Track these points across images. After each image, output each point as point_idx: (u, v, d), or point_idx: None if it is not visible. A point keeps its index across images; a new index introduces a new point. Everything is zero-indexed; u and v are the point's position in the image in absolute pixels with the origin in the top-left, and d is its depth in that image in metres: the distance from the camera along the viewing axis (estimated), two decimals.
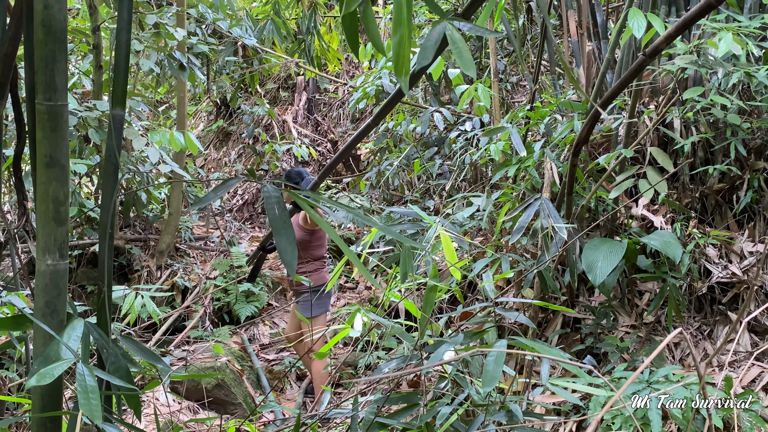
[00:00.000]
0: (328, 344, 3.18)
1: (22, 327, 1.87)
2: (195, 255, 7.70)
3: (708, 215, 4.85)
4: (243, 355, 5.73)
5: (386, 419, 2.56)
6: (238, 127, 12.10)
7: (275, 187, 1.76)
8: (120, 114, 1.95)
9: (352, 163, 10.91)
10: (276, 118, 11.48)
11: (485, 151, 5.06)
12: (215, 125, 12.37)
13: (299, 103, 12.09)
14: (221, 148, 12.42)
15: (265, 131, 11.50)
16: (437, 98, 8.06)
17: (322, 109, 12.40)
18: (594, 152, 5.07)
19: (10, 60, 2.10)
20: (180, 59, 6.49)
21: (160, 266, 7.11)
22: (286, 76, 12.54)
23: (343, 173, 10.96)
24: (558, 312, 4.73)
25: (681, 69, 4.24)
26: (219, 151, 12.40)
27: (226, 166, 11.87)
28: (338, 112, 12.20)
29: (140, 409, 1.85)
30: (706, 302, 4.58)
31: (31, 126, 2.02)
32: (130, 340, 1.93)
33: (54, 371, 1.52)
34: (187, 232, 7.88)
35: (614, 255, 4.06)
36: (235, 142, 12.18)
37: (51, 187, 1.76)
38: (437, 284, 2.91)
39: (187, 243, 7.81)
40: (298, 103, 12.11)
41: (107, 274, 1.89)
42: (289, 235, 1.71)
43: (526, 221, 4.15)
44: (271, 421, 3.94)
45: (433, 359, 2.47)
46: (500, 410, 2.33)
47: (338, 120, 12.19)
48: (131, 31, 2.02)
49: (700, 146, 4.76)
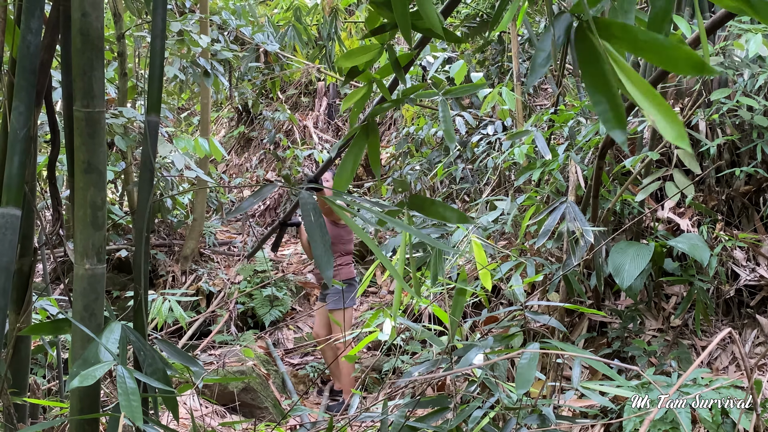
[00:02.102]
0: (356, 347, 3.19)
1: (61, 331, 1.89)
2: (219, 260, 7.75)
3: (734, 218, 4.81)
4: (268, 360, 5.76)
5: (416, 422, 2.56)
6: (259, 133, 12.16)
7: (311, 194, 1.77)
8: (155, 120, 1.98)
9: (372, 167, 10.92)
10: (297, 123, 11.53)
11: (509, 154, 5.05)
12: (236, 131, 12.44)
13: (320, 109, 12.14)
14: (242, 154, 12.48)
15: (286, 137, 11.55)
16: (458, 102, 8.06)
17: (342, 114, 12.43)
18: (619, 155, 5.05)
19: (46, 68, 2.13)
20: (204, 66, 6.54)
21: (184, 271, 7.16)
22: (307, 82, 12.59)
23: (364, 178, 10.98)
24: (584, 316, 4.71)
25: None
26: (240, 157, 12.47)
27: (247, 172, 11.93)
28: None
29: (178, 411, 1.87)
30: (734, 305, 4.54)
31: (68, 133, 2.05)
32: (165, 342, 1.95)
33: (95, 373, 1.54)
34: (210, 237, 7.94)
35: (641, 258, 4.04)
36: (256, 148, 12.24)
37: (89, 193, 1.78)
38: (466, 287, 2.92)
39: (211, 248, 7.87)
40: (319, 109, 12.15)
41: (143, 277, 1.91)
42: (325, 242, 1.72)
43: (551, 225, 4.14)
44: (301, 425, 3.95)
45: (463, 363, 2.47)
46: (531, 413, 2.32)
47: None
48: (165, 39, 2.05)
49: (726, 148, 4.73)
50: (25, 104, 1.77)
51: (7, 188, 1.75)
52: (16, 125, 1.75)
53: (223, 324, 6.43)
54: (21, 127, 1.75)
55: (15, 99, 1.75)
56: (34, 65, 1.79)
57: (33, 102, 1.78)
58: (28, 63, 1.78)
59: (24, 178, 1.77)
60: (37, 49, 1.79)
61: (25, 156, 1.76)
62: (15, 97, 1.75)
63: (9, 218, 1.76)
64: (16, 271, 2.07)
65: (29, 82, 1.77)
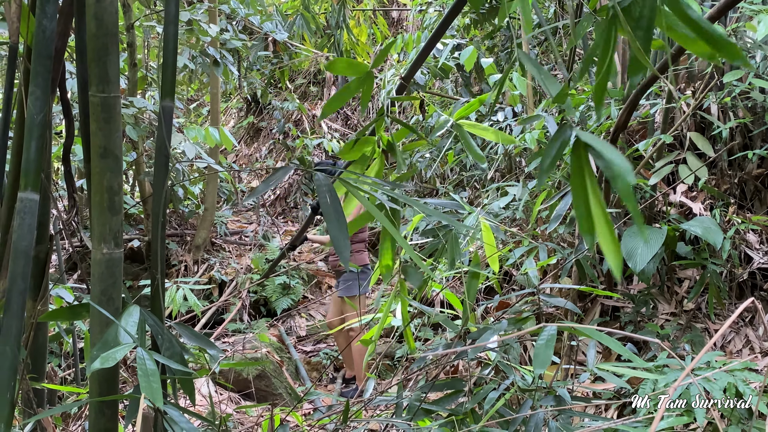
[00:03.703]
0: (370, 332, 3.20)
1: (79, 316, 1.90)
2: (230, 249, 7.78)
3: (747, 201, 4.79)
4: (281, 347, 5.79)
5: (431, 405, 2.57)
6: (268, 122, 12.17)
7: (326, 176, 1.77)
8: (170, 106, 1.98)
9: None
10: (306, 113, 11.53)
11: (520, 140, 5.04)
12: (246, 121, 12.45)
13: (329, 98, 12.13)
14: (252, 144, 12.50)
15: (296, 126, 11.55)
16: (468, 89, 8.04)
17: (351, 103, 12.42)
18: (630, 139, 5.03)
19: (60, 55, 2.13)
20: (214, 55, 6.55)
21: (196, 261, 7.19)
22: (316, 71, 12.58)
23: None
24: (596, 301, 4.71)
25: None
26: (250, 147, 12.48)
27: (257, 162, 11.95)
28: (368, 105, 12.21)
29: (194, 394, 1.88)
30: (747, 288, 4.53)
31: (83, 119, 2.06)
32: (182, 326, 1.96)
33: (116, 355, 1.55)
34: (222, 227, 7.96)
35: (654, 242, 4.03)
36: (266, 138, 12.25)
37: (105, 178, 1.79)
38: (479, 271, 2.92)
39: (223, 237, 7.89)
40: (328, 98, 12.14)
41: (160, 262, 1.92)
42: (341, 224, 1.72)
43: (563, 209, 4.13)
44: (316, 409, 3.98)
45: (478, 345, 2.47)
46: (547, 395, 2.33)
47: (367, 114, 12.20)
48: (178, 25, 2.05)
49: (738, 131, 4.71)
50: (42, 89, 1.78)
51: (25, 172, 1.76)
52: (33, 110, 1.76)
53: (236, 312, 6.46)
54: (38, 112, 1.76)
55: (31, 84, 1.76)
56: (49, 50, 1.79)
57: (49, 87, 1.79)
58: (44, 48, 1.78)
59: (42, 163, 1.78)
60: (52, 33, 1.80)
61: (42, 141, 1.76)
62: (31, 82, 1.76)
63: (27, 203, 1.78)
64: (33, 258, 2.08)
65: (45, 67, 1.78)
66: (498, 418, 2.31)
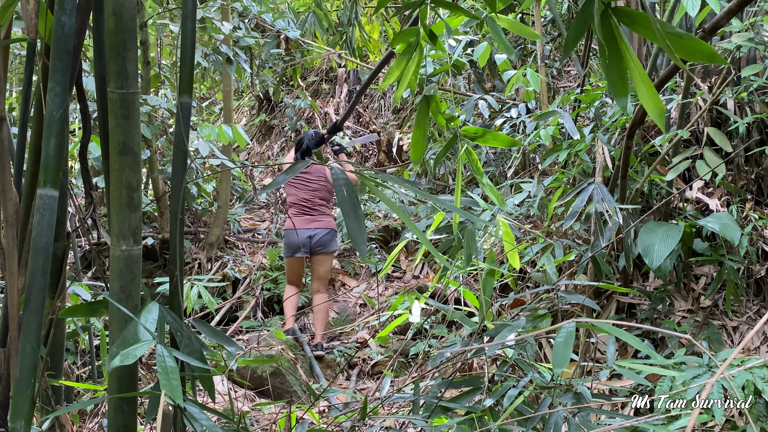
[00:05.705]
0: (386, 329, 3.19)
1: (98, 313, 1.90)
2: (244, 247, 7.79)
3: (764, 197, 4.75)
4: (295, 344, 5.79)
5: (448, 403, 2.56)
6: (280, 120, 12.17)
7: (343, 169, 1.76)
8: (188, 102, 1.98)
9: (395, 153, 10.90)
10: (318, 110, 11.52)
11: (534, 136, 5.01)
12: (258, 119, 12.46)
13: (340, 95, 12.10)
14: (264, 142, 12.50)
15: (308, 124, 11.54)
16: (481, 85, 8.01)
17: (363, 101, 12.39)
18: (646, 135, 5.00)
19: (77, 52, 2.13)
20: (226, 53, 6.55)
21: (210, 258, 7.20)
22: (328, 69, 12.56)
23: (386, 164, 10.96)
24: (612, 298, 4.68)
25: (737, 47, 4.16)
26: (262, 145, 12.48)
27: (269, 160, 11.95)
28: (379, 103, 12.18)
29: (214, 391, 1.88)
30: (765, 285, 4.49)
31: (102, 115, 2.06)
32: (200, 322, 1.96)
33: (136, 352, 1.54)
34: (235, 224, 7.97)
35: (671, 238, 4.00)
36: (278, 136, 12.25)
37: (124, 174, 1.79)
38: (495, 268, 2.91)
39: (236, 235, 7.90)
40: (340, 95, 12.12)
41: (179, 258, 1.92)
42: (358, 217, 1.72)
43: (579, 206, 4.11)
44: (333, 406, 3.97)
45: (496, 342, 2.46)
46: (566, 392, 2.31)
47: (379, 111, 12.17)
48: (196, 20, 2.04)
49: (754, 127, 4.67)
50: (61, 85, 1.78)
51: (44, 169, 1.76)
52: (52, 106, 1.76)
53: (250, 309, 6.47)
54: (57, 108, 1.76)
55: (50, 80, 1.76)
56: (68, 46, 1.79)
57: (68, 83, 1.79)
58: (63, 44, 1.78)
59: (61, 160, 1.78)
60: (71, 29, 1.80)
61: (61, 137, 1.76)
62: (50, 78, 1.76)
63: (47, 199, 1.78)
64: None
65: (64, 63, 1.78)
66: (517, 416, 2.30)
